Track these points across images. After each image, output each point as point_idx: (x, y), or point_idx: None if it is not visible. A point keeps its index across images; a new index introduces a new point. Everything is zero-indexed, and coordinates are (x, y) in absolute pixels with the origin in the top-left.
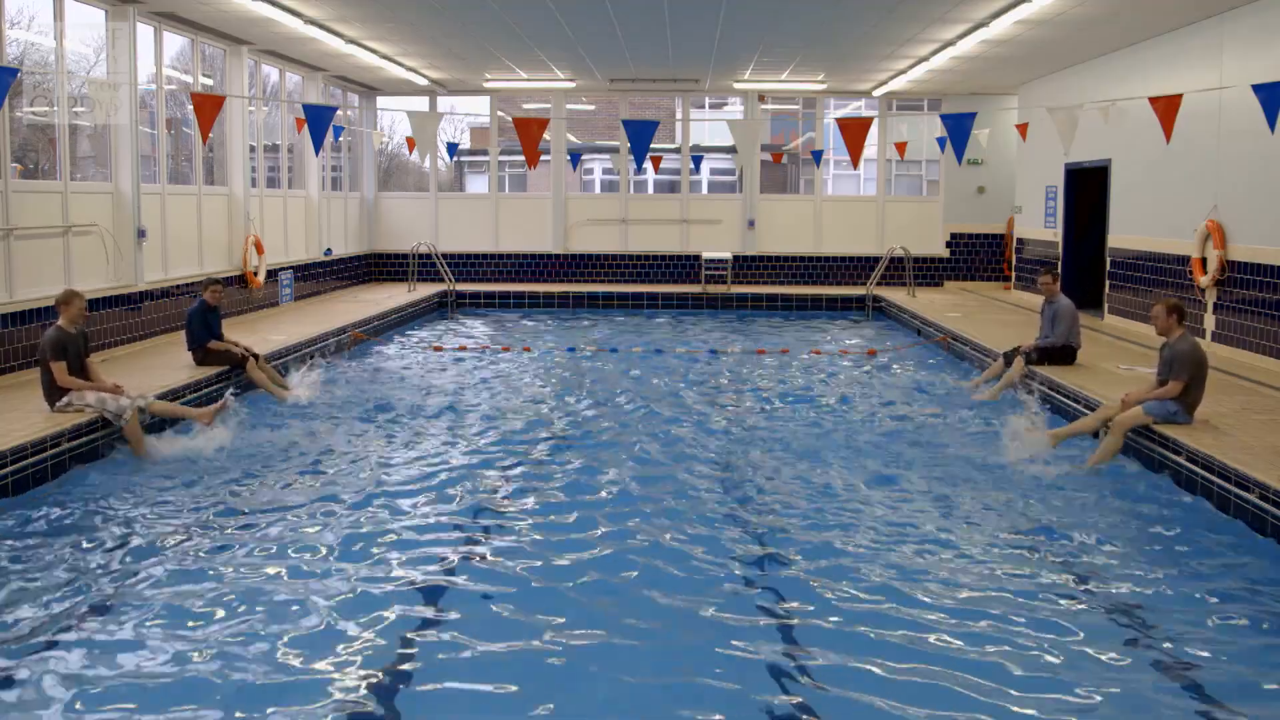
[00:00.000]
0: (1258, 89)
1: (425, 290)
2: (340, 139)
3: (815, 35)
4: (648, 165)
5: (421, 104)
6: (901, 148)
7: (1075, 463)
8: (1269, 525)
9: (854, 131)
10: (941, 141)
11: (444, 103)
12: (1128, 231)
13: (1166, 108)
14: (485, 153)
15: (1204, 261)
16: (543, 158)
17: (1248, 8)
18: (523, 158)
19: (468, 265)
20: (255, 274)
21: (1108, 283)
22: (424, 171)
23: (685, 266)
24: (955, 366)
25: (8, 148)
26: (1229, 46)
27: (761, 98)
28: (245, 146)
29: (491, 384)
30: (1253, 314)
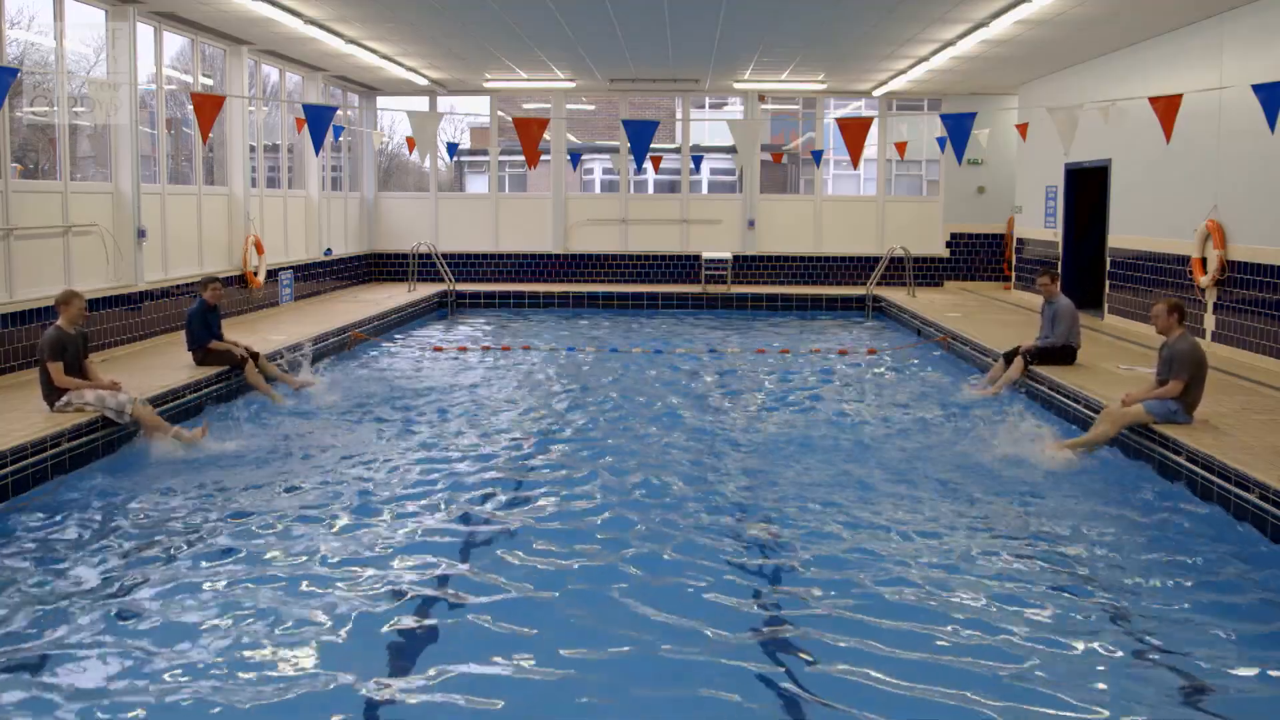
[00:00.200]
0: (1258, 89)
1: (425, 290)
2: (340, 139)
3: (815, 35)
4: (648, 165)
5: (421, 104)
6: (901, 148)
7: (1073, 455)
8: (1269, 525)
9: (854, 131)
10: (941, 141)
11: (444, 103)
12: (1128, 231)
13: (1166, 108)
14: (485, 153)
15: (1204, 261)
16: (543, 158)
17: (1248, 8)
18: (523, 158)
19: (468, 265)
20: (255, 274)
21: (1108, 283)
22: (424, 171)
23: (685, 266)
24: (955, 366)
25: (8, 148)
26: (1229, 46)
27: (761, 98)
28: (245, 146)
29: (491, 384)
30: (1253, 314)
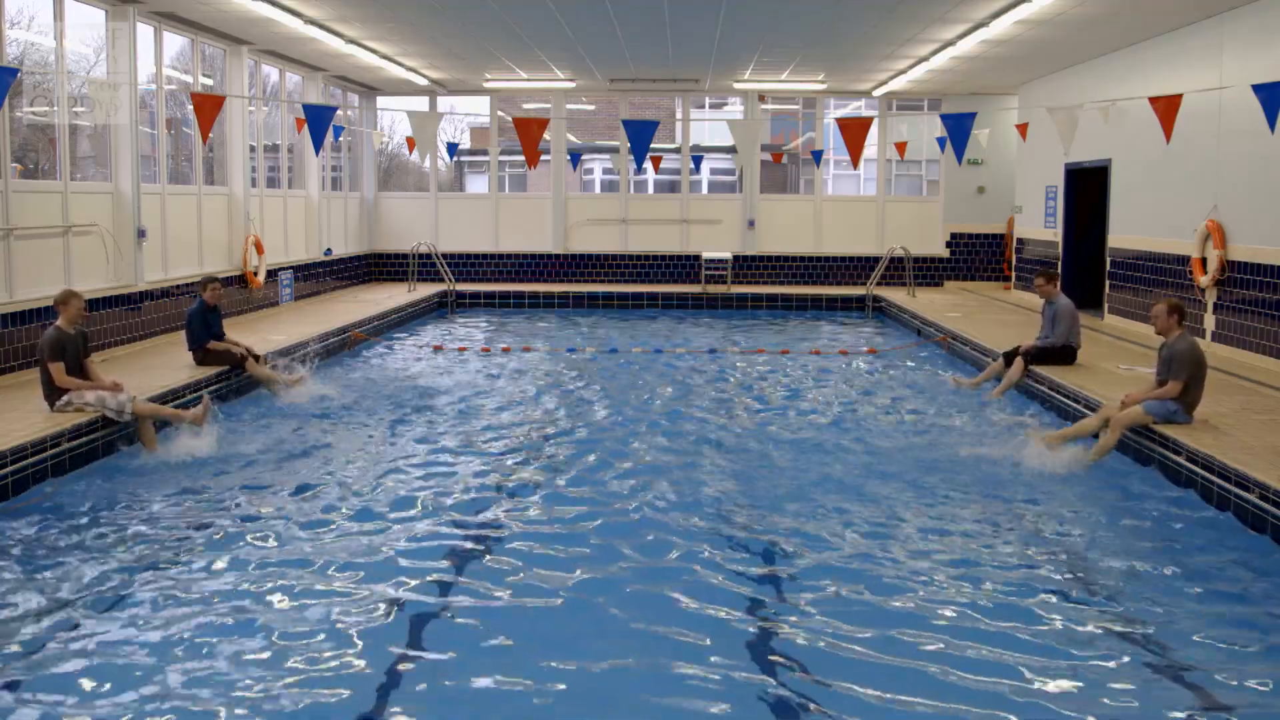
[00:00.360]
0: (1258, 89)
1: (425, 290)
2: (340, 139)
3: (815, 35)
4: (648, 165)
5: (421, 104)
6: (901, 148)
7: (1074, 461)
8: (1269, 525)
9: (854, 131)
10: (941, 141)
11: (444, 103)
12: (1128, 231)
13: (1166, 108)
14: (485, 153)
15: (1204, 261)
16: (543, 158)
17: (1248, 8)
18: (523, 158)
19: (468, 265)
20: (255, 274)
21: (1108, 283)
22: (424, 171)
23: (685, 266)
24: (955, 366)
25: (8, 148)
26: (1229, 46)
27: (761, 98)
28: (245, 146)
29: (491, 384)
30: (1253, 314)
